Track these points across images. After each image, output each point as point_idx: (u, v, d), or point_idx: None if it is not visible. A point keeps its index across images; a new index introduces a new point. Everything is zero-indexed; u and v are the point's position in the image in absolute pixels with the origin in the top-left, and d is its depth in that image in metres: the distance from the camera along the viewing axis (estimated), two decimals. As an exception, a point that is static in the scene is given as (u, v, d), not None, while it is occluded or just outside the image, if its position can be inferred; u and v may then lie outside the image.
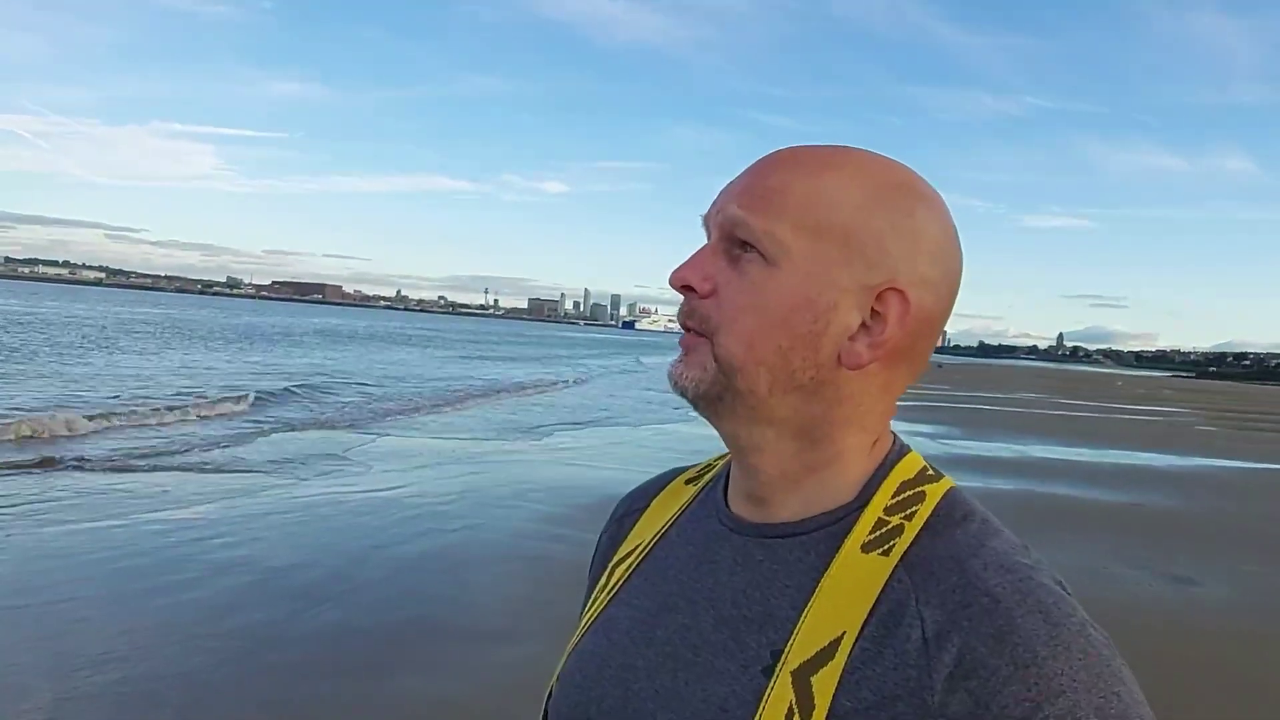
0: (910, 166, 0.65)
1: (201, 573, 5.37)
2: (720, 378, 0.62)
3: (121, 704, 3.66)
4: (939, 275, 0.63)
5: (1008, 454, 13.22)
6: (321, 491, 7.92)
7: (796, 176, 0.62)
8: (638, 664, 0.65)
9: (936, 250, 0.62)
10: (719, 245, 0.63)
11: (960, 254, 0.65)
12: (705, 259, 0.63)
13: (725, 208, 0.63)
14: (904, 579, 0.58)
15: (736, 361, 0.61)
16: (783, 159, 0.63)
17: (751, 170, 0.64)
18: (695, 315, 0.63)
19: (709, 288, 0.62)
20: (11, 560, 5.44)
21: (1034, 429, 17.82)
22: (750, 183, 0.63)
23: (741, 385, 0.62)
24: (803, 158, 0.63)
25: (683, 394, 0.64)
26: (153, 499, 7.24)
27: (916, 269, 0.61)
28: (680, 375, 0.64)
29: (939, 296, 0.63)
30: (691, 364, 0.63)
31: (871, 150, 0.65)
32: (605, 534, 0.80)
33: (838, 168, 0.62)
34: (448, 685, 3.92)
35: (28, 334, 30.92)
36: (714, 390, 0.63)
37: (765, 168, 0.64)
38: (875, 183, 0.62)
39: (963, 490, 0.65)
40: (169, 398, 14.71)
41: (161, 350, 25.51)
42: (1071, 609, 0.56)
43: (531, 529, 6.65)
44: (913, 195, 0.63)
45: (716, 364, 0.62)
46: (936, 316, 0.63)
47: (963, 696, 0.52)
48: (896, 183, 0.63)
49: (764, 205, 0.61)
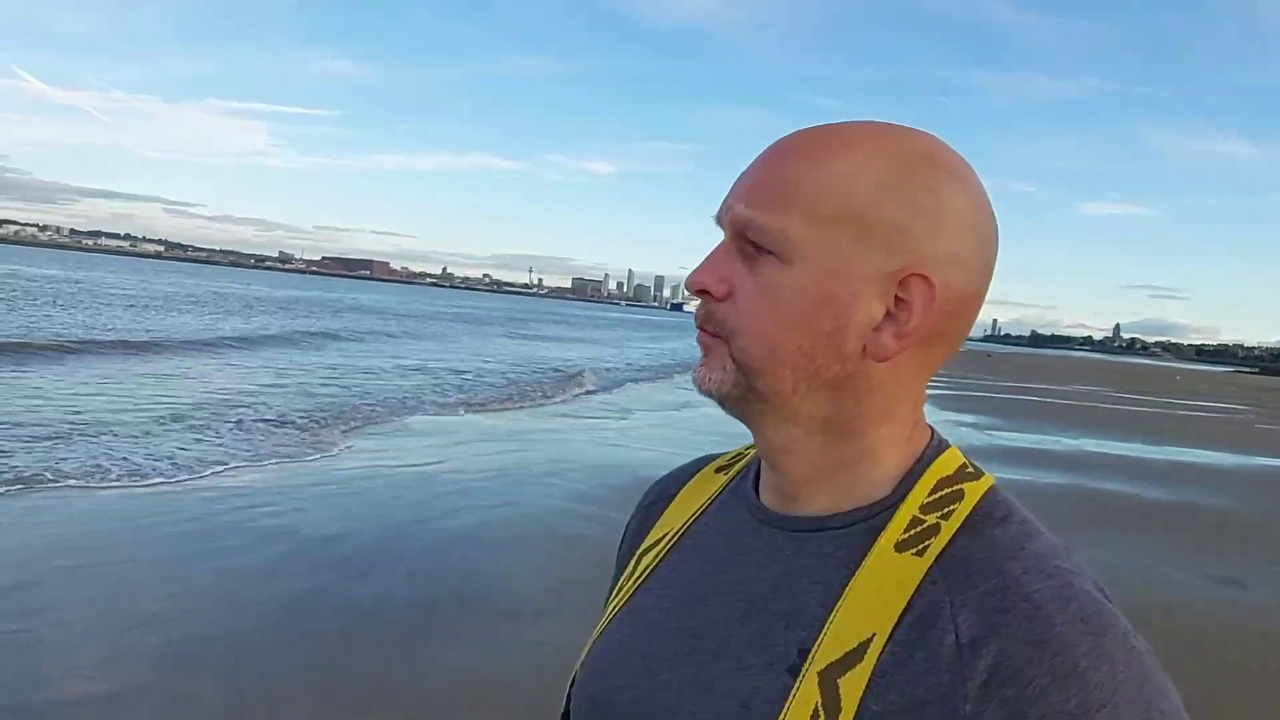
0: (935, 135, 0.61)
1: (247, 540, 5.51)
2: (741, 379, 0.60)
3: (168, 663, 3.78)
4: (969, 251, 0.59)
5: (1058, 447, 12.94)
6: (364, 464, 8.07)
7: (805, 165, 0.58)
8: (663, 654, 0.63)
9: (964, 225, 0.59)
10: (733, 245, 0.61)
11: (994, 225, 0.61)
12: (720, 260, 0.61)
13: (734, 207, 0.60)
14: (938, 581, 0.55)
15: (755, 364, 0.59)
16: (790, 146, 0.60)
17: (759, 162, 0.61)
18: (712, 319, 0.61)
19: (725, 290, 0.60)
20: (72, 522, 5.65)
21: (1086, 422, 17.42)
22: (758, 177, 0.60)
23: (764, 387, 0.60)
24: (811, 142, 0.60)
25: (707, 396, 0.62)
26: (204, 467, 7.44)
27: (942, 248, 0.58)
28: (703, 378, 0.62)
29: (971, 274, 0.59)
30: (711, 365, 0.61)
31: (890, 122, 0.61)
32: (633, 520, 0.79)
33: (849, 149, 0.58)
34: (480, 660, 3.98)
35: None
36: (736, 391, 0.61)
37: (772, 158, 0.60)
38: (891, 160, 0.58)
39: (1003, 489, 0.62)
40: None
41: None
42: (1114, 618, 0.53)
43: (568, 508, 6.69)
44: (934, 168, 0.59)
45: (735, 365, 0.60)
46: (969, 295, 0.60)
47: (997, 706, 0.50)
48: (915, 157, 0.59)
49: (772, 201, 0.58)
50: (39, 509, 5.84)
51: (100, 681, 3.60)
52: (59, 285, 41.94)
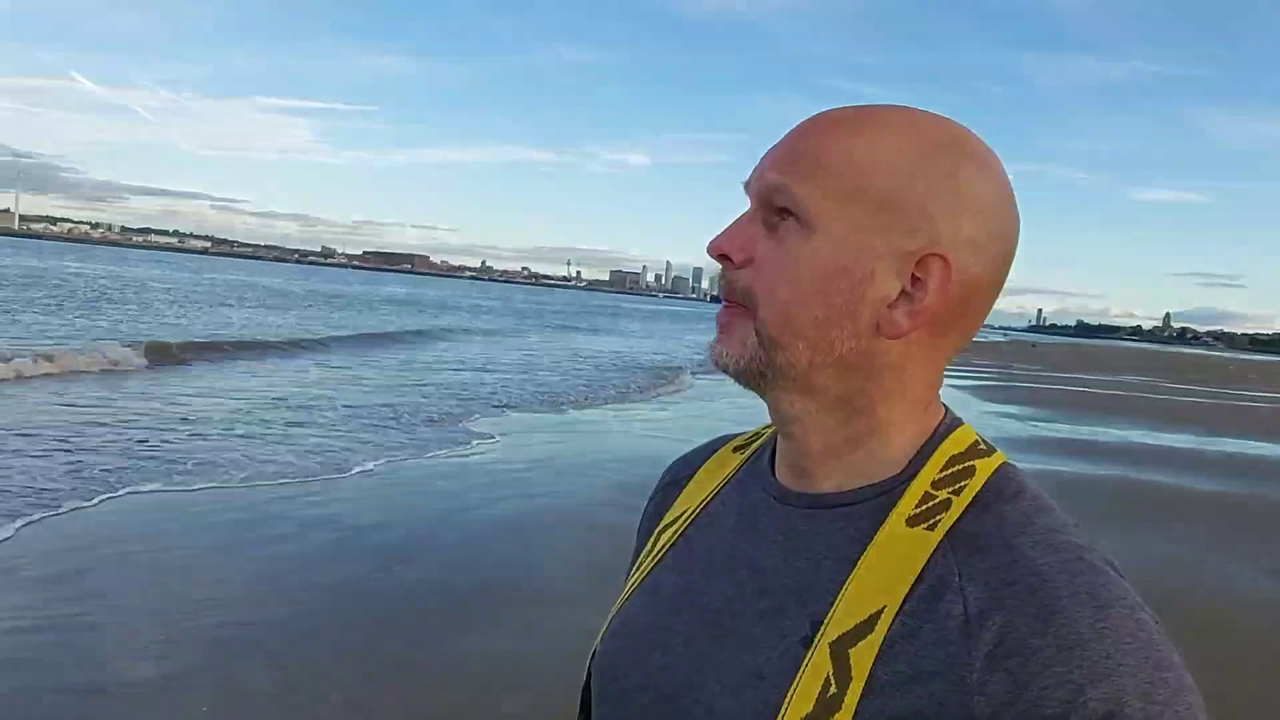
0: (962, 124, 0.62)
1: (294, 528, 5.65)
2: (760, 353, 0.61)
3: (220, 647, 3.90)
4: (986, 238, 0.60)
5: (1104, 438, 12.68)
6: (410, 456, 8.21)
7: (834, 139, 0.60)
8: (678, 629, 0.65)
9: (984, 211, 0.60)
10: (757, 213, 0.62)
11: (1014, 214, 0.62)
12: (743, 227, 0.63)
13: (764, 174, 0.62)
14: (948, 555, 0.56)
15: (776, 335, 0.61)
16: (823, 121, 0.62)
17: (791, 134, 0.63)
18: (735, 288, 0.62)
19: (744, 256, 0.62)
20: (129, 510, 5.83)
21: (1134, 413, 17.02)
22: (788, 146, 0.62)
23: (781, 360, 0.61)
24: (843, 119, 0.61)
25: (724, 370, 0.63)
26: (254, 457, 7.62)
27: (961, 232, 0.59)
28: (721, 353, 0.63)
29: (987, 260, 0.60)
30: (731, 340, 0.63)
31: (920, 108, 0.62)
32: (652, 500, 0.80)
33: (877, 128, 0.60)
34: (516, 645, 4.03)
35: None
36: (755, 365, 0.62)
37: (804, 131, 0.62)
38: (917, 143, 0.60)
39: (1015, 467, 0.63)
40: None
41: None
42: (1122, 591, 0.54)
43: (606, 498, 6.73)
44: (958, 154, 0.60)
45: (757, 338, 0.61)
46: (985, 282, 0.61)
47: (1003, 676, 0.51)
48: (941, 141, 0.60)
49: (800, 170, 0.60)
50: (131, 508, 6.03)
51: (159, 663, 3.73)
52: (151, 285, 43.68)
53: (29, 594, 4.34)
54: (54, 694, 3.43)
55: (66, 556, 4.87)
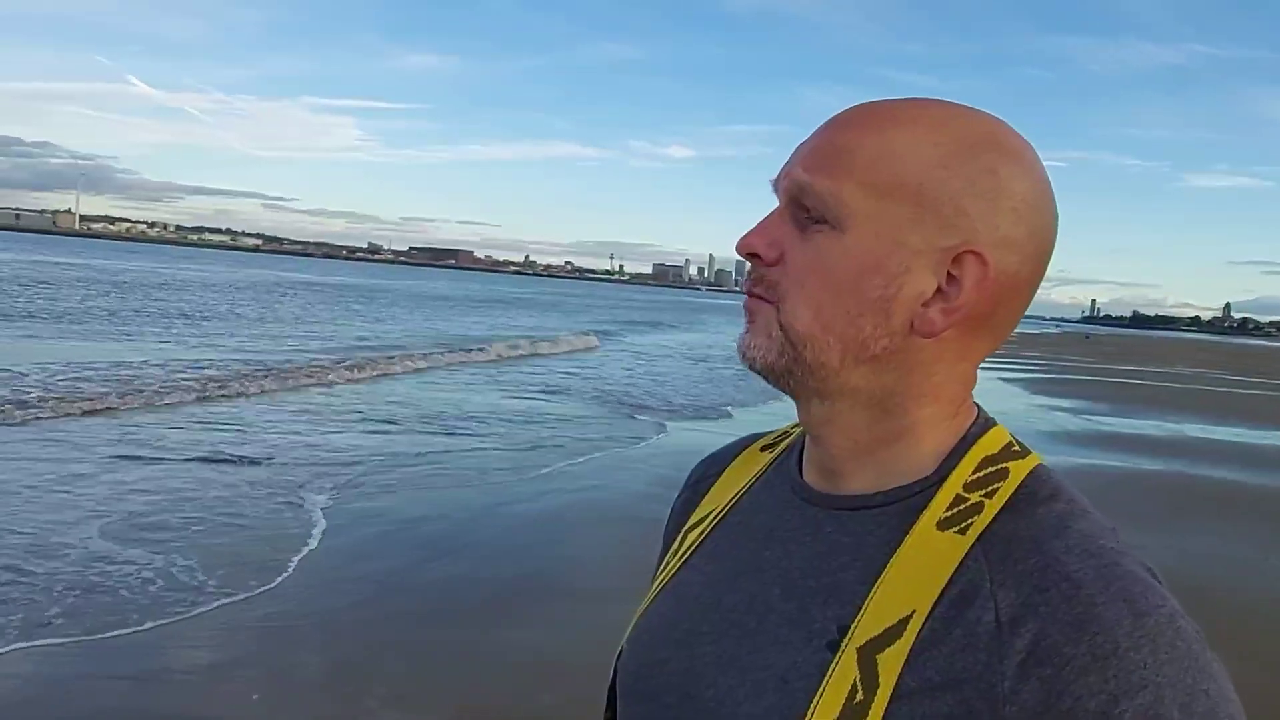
0: (1000, 118, 0.60)
1: (341, 520, 5.75)
2: (788, 348, 0.60)
3: (269, 636, 4.00)
4: (1024, 235, 0.58)
5: (1159, 432, 12.35)
6: (452, 447, 8.31)
7: (866, 134, 0.58)
8: (704, 629, 0.64)
9: (1022, 208, 0.58)
10: (786, 210, 0.61)
11: (1053, 212, 0.60)
12: (773, 224, 0.61)
13: (792, 171, 0.60)
14: (979, 559, 0.54)
15: (804, 329, 0.59)
16: (853, 116, 0.60)
17: (821, 129, 0.61)
18: (762, 283, 0.61)
19: (775, 255, 0.60)
20: (181, 497, 5.99)
21: (1191, 406, 16.54)
22: (818, 143, 0.60)
23: (811, 358, 0.60)
24: (874, 113, 0.60)
25: (751, 366, 0.62)
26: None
27: (998, 229, 0.57)
28: (747, 346, 0.62)
29: (1024, 258, 0.59)
30: (757, 332, 0.61)
31: (956, 102, 0.61)
32: (680, 499, 0.79)
33: (911, 123, 0.58)
34: (555, 639, 4.07)
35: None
36: (782, 362, 0.61)
37: (835, 126, 0.61)
38: (953, 138, 0.58)
39: (1051, 469, 0.61)
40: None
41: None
42: (1160, 598, 0.51)
43: (649, 492, 6.74)
44: (995, 150, 0.58)
45: (782, 332, 0.60)
46: (1023, 280, 0.59)
47: (1035, 685, 0.49)
48: (977, 137, 0.58)
49: (830, 166, 0.58)
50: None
51: (213, 652, 3.83)
52: (264, 288, 45.50)
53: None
54: (109, 680, 3.55)
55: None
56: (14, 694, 3.42)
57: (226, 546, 5.12)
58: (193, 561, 4.81)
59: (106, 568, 4.66)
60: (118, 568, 4.67)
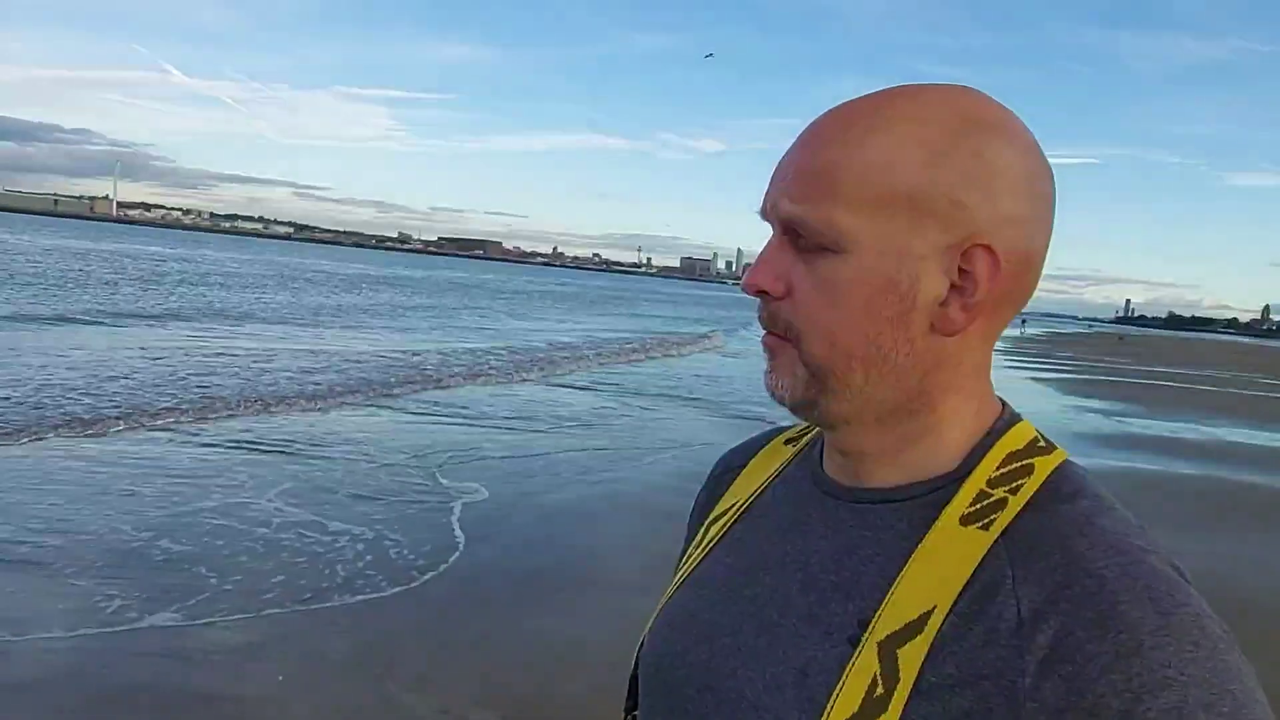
0: (970, 87, 0.59)
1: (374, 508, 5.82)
2: (813, 382, 0.60)
3: (306, 621, 4.07)
4: (1025, 209, 0.57)
5: (1193, 435, 12.12)
6: (481, 438, 8.37)
7: (845, 150, 0.57)
8: (724, 621, 0.65)
9: (1017, 183, 0.57)
10: (784, 239, 0.60)
11: (1048, 172, 0.59)
12: (774, 257, 0.60)
13: (779, 203, 0.59)
14: (1002, 555, 0.54)
15: (825, 363, 0.59)
16: (825, 129, 0.59)
17: (796, 148, 0.60)
18: (777, 321, 0.61)
19: (783, 289, 0.60)
20: (247, 486, 6.11)
21: (1227, 409, 16.21)
22: (798, 166, 0.59)
23: (836, 384, 0.60)
24: (847, 123, 0.58)
25: (780, 402, 0.62)
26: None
27: (999, 211, 0.56)
28: (775, 384, 0.62)
29: (1030, 230, 0.58)
30: (781, 370, 0.61)
31: (923, 83, 0.59)
32: (703, 491, 0.80)
33: (888, 125, 0.57)
34: (581, 629, 4.09)
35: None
36: (809, 395, 0.61)
37: (809, 144, 0.59)
38: (933, 130, 0.56)
39: (1077, 465, 0.60)
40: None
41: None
42: (1186, 596, 0.51)
43: (669, 484, 6.75)
44: (978, 130, 0.57)
45: (806, 369, 0.60)
46: (1033, 252, 0.59)
47: (1056, 683, 0.49)
48: (957, 121, 0.57)
49: (815, 192, 0.57)
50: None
51: (241, 633, 3.91)
52: (348, 279, 47.25)
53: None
54: (138, 658, 3.63)
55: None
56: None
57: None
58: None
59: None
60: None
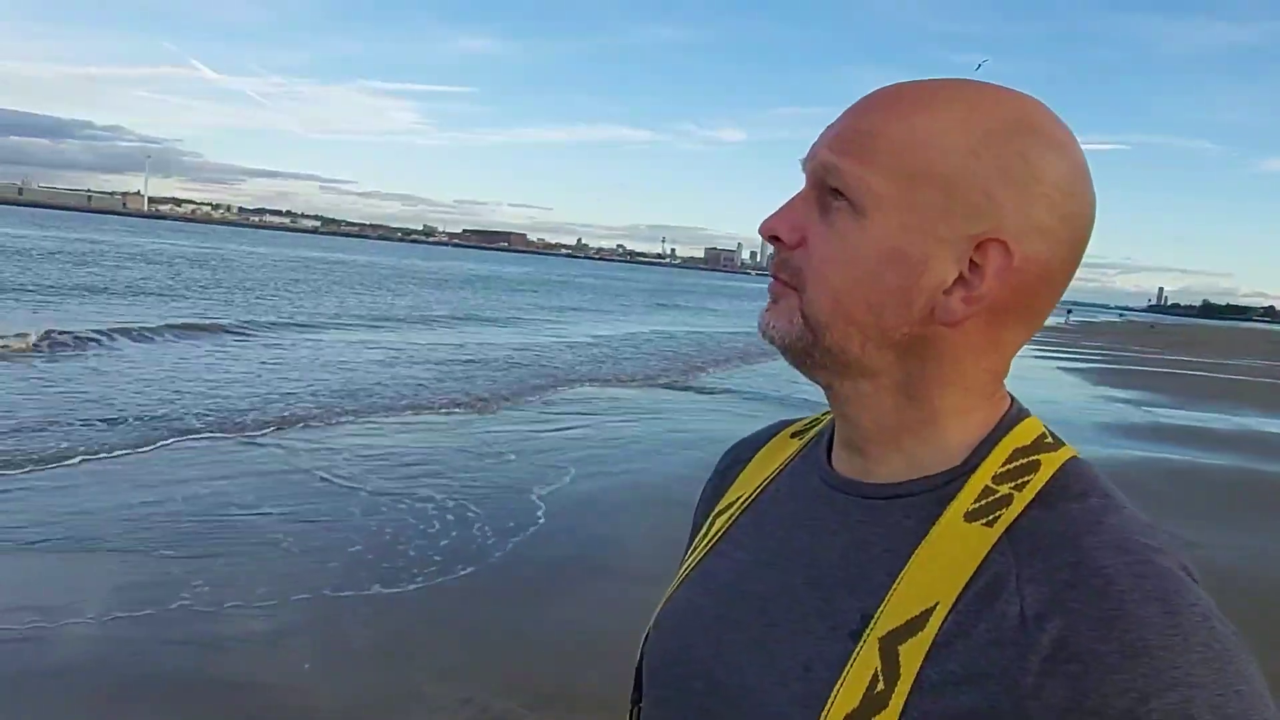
0: (1035, 99, 0.59)
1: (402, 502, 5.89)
2: (807, 333, 0.60)
3: (332, 608, 4.13)
4: (1057, 222, 0.57)
5: (1223, 426, 11.92)
6: (507, 431, 8.43)
7: (893, 118, 0.57)
8: (730, 616, 0.64)
9: (1054, 194, 0.56)
10: (811, 193, 0.60)
11: (1090, 196, 0.58)
12: (796, 208, 0.61)
13: (819, 153, 0.60)
14: (1006, 552, 0.54)
15: (824, 319, 0.59)
16: (881, 99, 0.59)
17: (849, 111, 0.60)
18: (786, 267, 0.61)
19: (797, 238, 0.60)
20: (276, 482, 6.20)
21: (1259, 400, 15.93)
22: (845, 126, 0.60)
23: (830, 343, 0.60)
24: (903, 96, 0.59)
25: (770, 342, 0.62)
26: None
27: (1029, 217, 0.56)
28: (767, 324, 0.62)
29: (1056, 245, 0.57)
30: (779, 313, 0.61)
31: (991, 83, 0.59)
32: (709, 484, 0.79)
33: (941, 105, 0.57)
34: (602, 620, 4.10)
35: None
36: (800, 345, 0.61)
37: (863, 109, 0.60)
38: (984, 121, 0.56)
39: (1086, 462, 0.59)
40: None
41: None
42: (1195, 597, 0.50)
43: (688, 475, 6.75)
44: (1028, 134, 0.57)
45: (804, 320, 0.60)
46: (1055, 267, 0.58)
47: (1060, 682, 0.49)
48: (1009, 121, 0.57)
49: (856, 150, 0.58)
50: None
51: (268, 621, 3.97)
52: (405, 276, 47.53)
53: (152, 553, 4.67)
54: (169, 646, 3.70)
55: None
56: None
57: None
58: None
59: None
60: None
